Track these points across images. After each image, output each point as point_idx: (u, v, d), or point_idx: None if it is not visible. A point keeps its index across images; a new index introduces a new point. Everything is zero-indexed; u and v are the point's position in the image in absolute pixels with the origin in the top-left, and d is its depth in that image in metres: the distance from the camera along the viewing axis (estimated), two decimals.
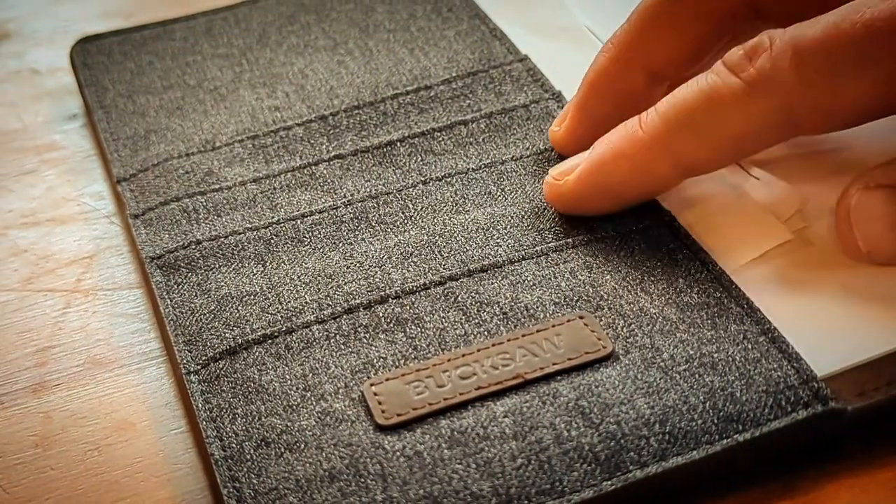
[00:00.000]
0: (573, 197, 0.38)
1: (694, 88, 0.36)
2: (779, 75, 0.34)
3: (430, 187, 0.41)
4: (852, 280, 0.36)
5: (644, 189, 0.38)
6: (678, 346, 0.34)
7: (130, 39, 0.51)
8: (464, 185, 0.41)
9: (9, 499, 0.33)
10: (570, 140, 0.41)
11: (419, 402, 0.33)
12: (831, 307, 0.35)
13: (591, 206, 0.39)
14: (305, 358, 0.35)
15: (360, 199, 0.40)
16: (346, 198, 0.41)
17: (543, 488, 0.31)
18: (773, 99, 0.35)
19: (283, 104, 0.46)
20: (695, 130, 0.36)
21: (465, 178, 0.41)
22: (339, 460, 0.32)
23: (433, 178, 0.41)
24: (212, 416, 0.34)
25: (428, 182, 0.41)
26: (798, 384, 0.33)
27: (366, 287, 0.37)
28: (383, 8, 0.52)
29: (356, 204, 0.40)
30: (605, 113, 0.41)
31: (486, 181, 0.41)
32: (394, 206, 0.40)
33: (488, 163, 0.42)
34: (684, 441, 0.32)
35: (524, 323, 0.35)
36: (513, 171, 0.41)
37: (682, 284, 0.36)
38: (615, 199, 0.38)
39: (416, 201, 0.40)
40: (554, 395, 0.33)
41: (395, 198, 0.40)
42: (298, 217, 0.40)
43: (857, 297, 0.35)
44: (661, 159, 0.37)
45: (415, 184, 0.41)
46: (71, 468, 0.34)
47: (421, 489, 0.31)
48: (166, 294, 0.38)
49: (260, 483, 0.32)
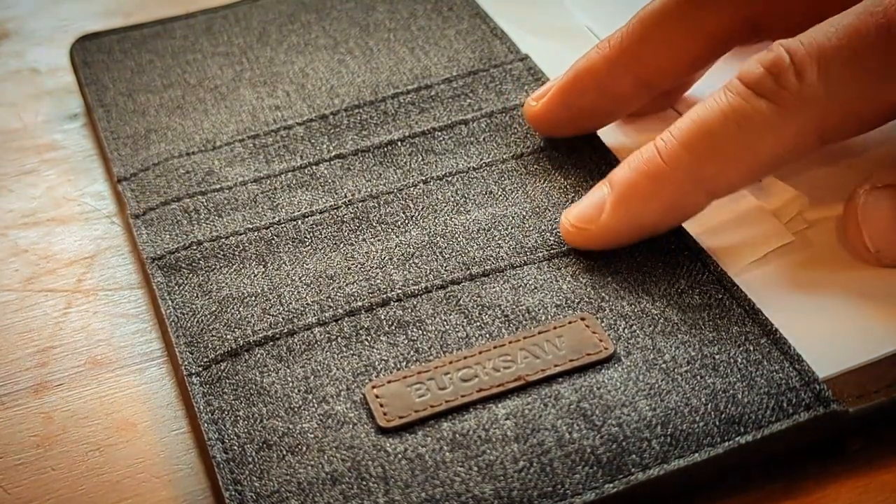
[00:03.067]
0: (602, 241, 0.37)
1: (715, 111, 0.35)
2: (808, 91, 0.33)
3: (431, 186, 0.41)
4: (854, 282, 0.36)
5: (677, 221, 0.37)
6: (680, 347, 0.34)
7: (130, 38, 0.51)
8: (465, 185, 0.41)
9: (10, 499, 0.33)
10: (545, 120, 0.41)
11: (421, 404, 0.33)
12: (833, 309, 0.35)
13: (622, 244, 0.37)
14: (307, 360, 0.35)
15: (361, 198, 0.40)
16: (346, 197, 0.41)
17: (545, 491, 0.31)
18: (806, 117, 0.34)
19: (283, 103, 0.46)
20: (724, 157, 0.35)
21: (465, 177, 0.41)
22: (340, 463, 0.32)
23: (434, 177, 0.41)
24: (213, 419, 0.33)
25: (429, 181, 0.41)
26: (800, 386, 0.33)
27: (367, 289, 0.37)
28: (384, 7, 0.52)
29: (357, 204, 0.40)
30: (585, 105, 0.40)
31: (487, 180, 0.41)
32: (395, 206, 0.40)
33: (489, 161, 0.42)
34: (686, 443, 0.32)
35: (526, 325, 0.35)
36: (514, 169, 0.41)
37: (684, 286, 0.36)
38: (647, 235, 0.37)
39: (417, 201, 0.40)
40: (555, 396, 0.33)
41: (395, 197, 0.40)
42: (299, 217, 0.40)
43: (858, 298, 0.35)
44: (691, 192, 0.35)
45: (416, 183, 0.41)
46: (72, 469, 0.34)
47: (423, 492, 0.31)
48: (167, 295, 0.38)
49: (262, 486, 0.31)
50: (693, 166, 0.35)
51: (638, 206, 0.36)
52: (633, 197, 0.36)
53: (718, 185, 0.36)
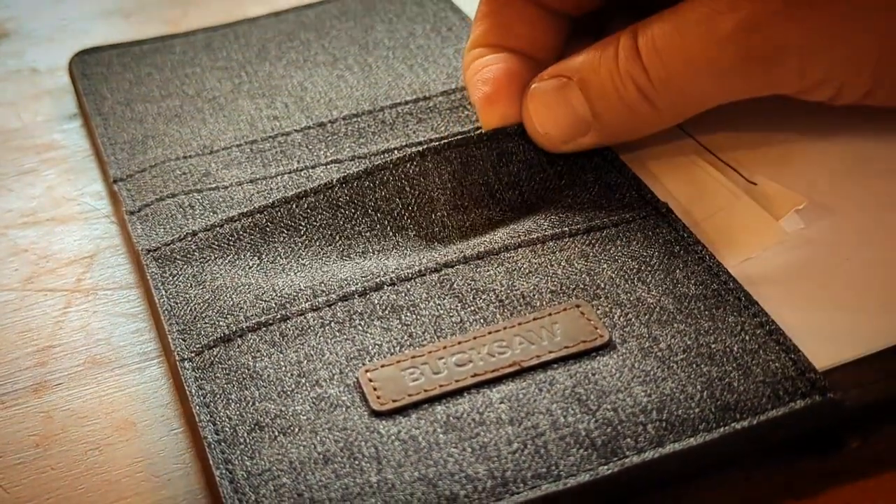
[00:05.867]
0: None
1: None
2: None
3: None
4: (851, 275, 0.36)
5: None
6: (675, 336, 0.34)
7: (130, 52, 0.51)
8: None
9: (9, 498, 0.33)
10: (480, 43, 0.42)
11: (415, 388, 0.33)
12: (830, 301, 0.35)
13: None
14: (300, 345, 0.35)
15: (356, 175, 0.40)
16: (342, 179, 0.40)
17: (539, 472, 0.30)
18: None
19: (281, 114, 0.46)
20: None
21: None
22: (333, 443, 0.31)
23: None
24: (205, 402, 0.33)
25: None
26: (796, 375, 0.32)
27: (360, 273, 0.37)
28: (383, 27, 0.52)
29: (352, 183, 0.40)
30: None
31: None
32: (390, 188, 0.40)
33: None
34: (681, 428, 0.31)
35: (520, 311, 0.35)
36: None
37: (680, 276, 0.36)
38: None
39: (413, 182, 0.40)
40: (550, 382, 0.33)
41: (390, 175, 0.40)
42: (293, 200, 0.40)
43: (855, 291, 0.35)
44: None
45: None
46: (71, 468, 0.34)
47: (416, 471, 0.30)
48: (161, 285, 0.38)
49: (253, 465, 0.31)
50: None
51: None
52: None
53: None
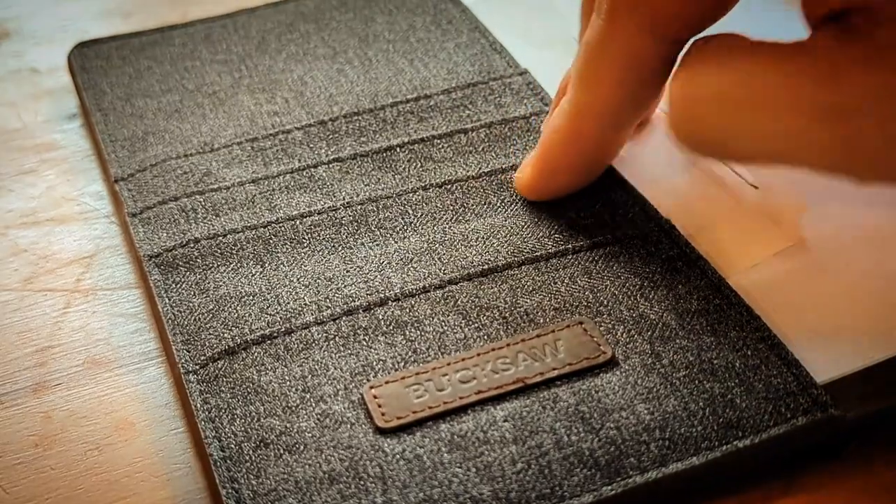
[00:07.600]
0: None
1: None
2: None
3: (429, 193, 0.41)
4: (851, 287, 0.36)
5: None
6: (678, 352, 0.34)
7: (129, 45, 0.51)
8: (464, 194, 0.41)
9: (8, 498, 0.33)
10: (534, 190, 0.41)
11: (419, 405, 0.33)
12: (831, 314, 0.35)
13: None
14: (304, 359, 0.35)
15: (360, 202, 0.40)
16: (344, 200, 0.41)
17: (543, 493, 0.31)
18: None
19: (282, 109, 0.46)
20: None
21: (464, 185, 0.41)
22: (338, 462, 0.32)
23: (433, 184, 0.41)
24: (210, 417, 0.33)
25: (428, 188, 0.41)
26: (798, 391, 0.33)
27: (365, 290, 0.37)
28: (382, 19, 0.52)
29: (356, 206, 0.40)
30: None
31: (486, 190, 0.41)
32: (393, 211, 0.40)
33: (488, 171, 0.42)
34: (684, 447, 0.32)
35: (524, 328, 0.35)
36: (513, 180, 0.41)
37: (682, 291, 0.36)
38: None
39: (416, 207, 0.40)
40: (554, 400, 0.33)
41: (394, 202, 0.40)
42: (297, 217, 0.40)
43: (856, 303, 0.36)
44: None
45: (414, 189, 0.41)
46: (71, 468, 0.34)
47: (421, 492, 0.31)
48: (164, 293, 0.38)
49: (259, 484, 0.31)
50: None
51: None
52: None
53: None
